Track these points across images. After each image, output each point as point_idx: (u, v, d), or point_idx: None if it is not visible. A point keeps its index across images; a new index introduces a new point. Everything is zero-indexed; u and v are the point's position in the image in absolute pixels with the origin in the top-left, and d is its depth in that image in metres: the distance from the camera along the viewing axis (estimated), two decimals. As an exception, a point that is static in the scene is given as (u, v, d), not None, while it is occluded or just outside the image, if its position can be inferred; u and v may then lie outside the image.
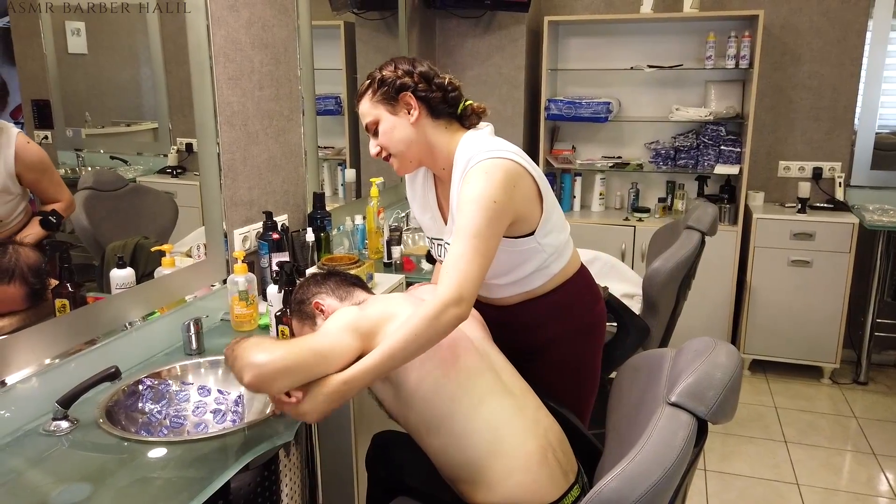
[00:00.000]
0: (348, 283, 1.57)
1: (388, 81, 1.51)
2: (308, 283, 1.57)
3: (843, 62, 3.53)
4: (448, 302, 1.31)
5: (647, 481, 0.99)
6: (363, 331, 1.33)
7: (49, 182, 1.59)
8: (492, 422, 1.30)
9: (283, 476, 1.59)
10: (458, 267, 1.35)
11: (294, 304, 1.55)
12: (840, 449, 2.95)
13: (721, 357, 1.13)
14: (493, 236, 1.40)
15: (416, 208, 1.74)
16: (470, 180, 1.41)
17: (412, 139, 1.52)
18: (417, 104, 1.50)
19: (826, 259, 3.38)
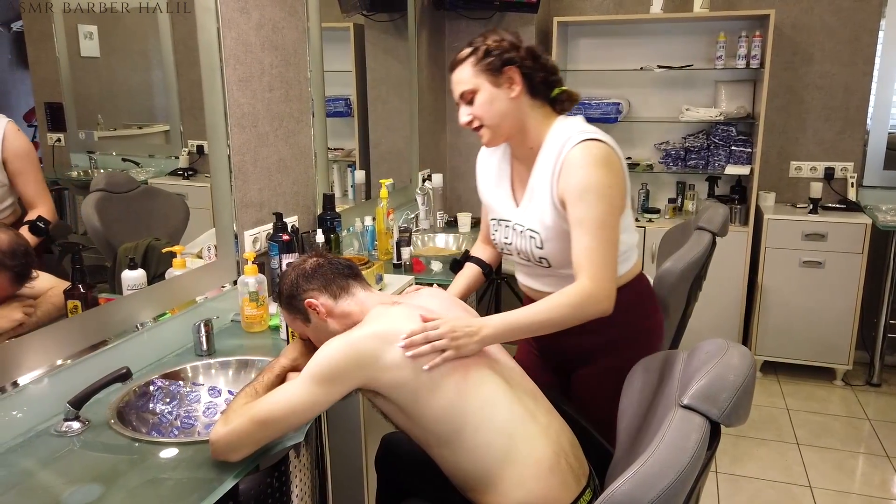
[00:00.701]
0: (342, 275, 1.44)
1: (495, 52, 1.48)
2: (296, 275, 1.43)
3: (856, 61, 3.50)
4: (594, 298, 1.40)
5: (659, 484, 0.99)
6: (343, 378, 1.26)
7: (32, 179, 1.55)
8: (503, 431, 1.29)
9: (294, 477, 1.59)
10: (594, 260, 1.41)
11: (283, 296, 1.45)
12: (853, 451, 2.93)
13: (734, 359, 1.12)
14: (615, 223, 1.45)
15: (486, 186, 1.70)
16: (575, 169, 1.43)
17: (509, 113, 1.51)
18: (520, 79, 1.49)
19: (838, 260, 3.36)
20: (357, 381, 1.27)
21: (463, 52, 1.52)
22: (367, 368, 1.26)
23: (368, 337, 1.28)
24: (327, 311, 1.40)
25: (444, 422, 1.28)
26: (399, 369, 1.26)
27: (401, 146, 3.34)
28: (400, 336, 1.28)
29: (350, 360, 1.26)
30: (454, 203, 3.85)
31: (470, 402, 1.28)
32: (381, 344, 1.27)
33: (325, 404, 1.26)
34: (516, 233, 1.58)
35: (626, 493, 1.00)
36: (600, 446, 1.51)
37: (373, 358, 1.26)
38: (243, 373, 1.72)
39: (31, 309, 1.48)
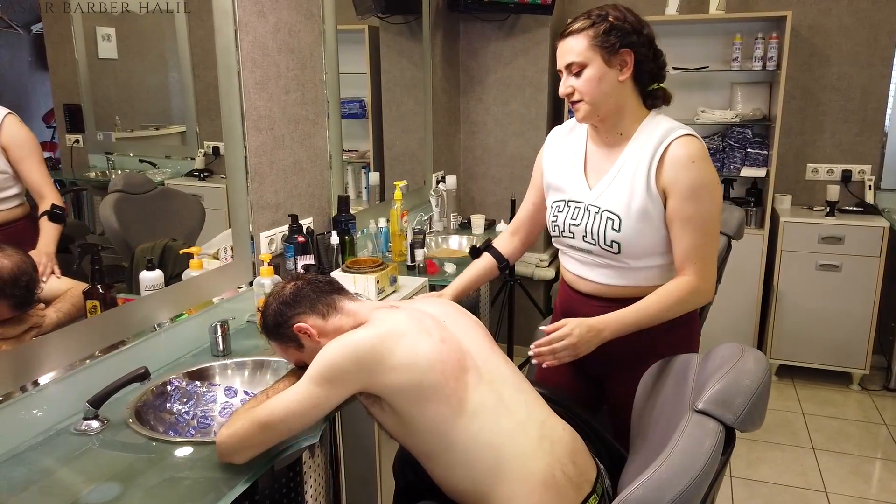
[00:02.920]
0: (324, 292, 1.41)
1: (617, 32, 1.46)
2: (278, 304, 1.39)
3: (873, 63, 3.47)
4: (704, 292, 1.49)
5: (673, 490, 0.98)
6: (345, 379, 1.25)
7: (35, 167, 1.56)
8: (493, 446, 1.27)
9: (308, 477, 1.60)
10: (702, 256, 1.47)
11: (270, 327, 1.40)
12: (870, 457, 2.90)
13: (749, 363, 1.12)
14: (720, 218, 1.53)
15: (557, 167, 1.66)
16: (691, 164, 1.46)
17: (612, 94, 1.49)
18: (633, 64, 1.48)
19: (855, 263, 3.32)
20: (359, 382, 1.26)
21: (580, 21, 1.49)
22: (369, 369, 1.25)
23: (371, 337, 1.27)
24: (319, 331, 1.36)
25: (434, 435, 1.28)
26: (401, 372, 1.25)
27: (415, 148, 3.35)
28: (404, 336, 1.27)
29: (352, 361, 1.24)
30: (468, 205, 3.85)
31: (458, 420, 1.27)
32: (385, 344, 1.26)
33: (327, 407, 1.25)
34: (590, 214, 1.55)
35: (639, 499, 1.00)
36: (615, 450, 1.51)
37: (375, 358, 1.25)
38: (259, 373, 1.73)
39: (42, 318, 1.49)
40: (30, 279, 1.46)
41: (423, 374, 1.26)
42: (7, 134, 1.50)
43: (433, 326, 1.34)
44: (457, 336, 1.37)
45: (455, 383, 1.28)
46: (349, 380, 1.25)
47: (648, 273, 1.55)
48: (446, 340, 1.32)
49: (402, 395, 1.27)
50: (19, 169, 1.53)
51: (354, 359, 1.25)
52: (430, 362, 1.27)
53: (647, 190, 1.48)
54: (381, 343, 1.26)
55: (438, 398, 1.26)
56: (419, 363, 1.26)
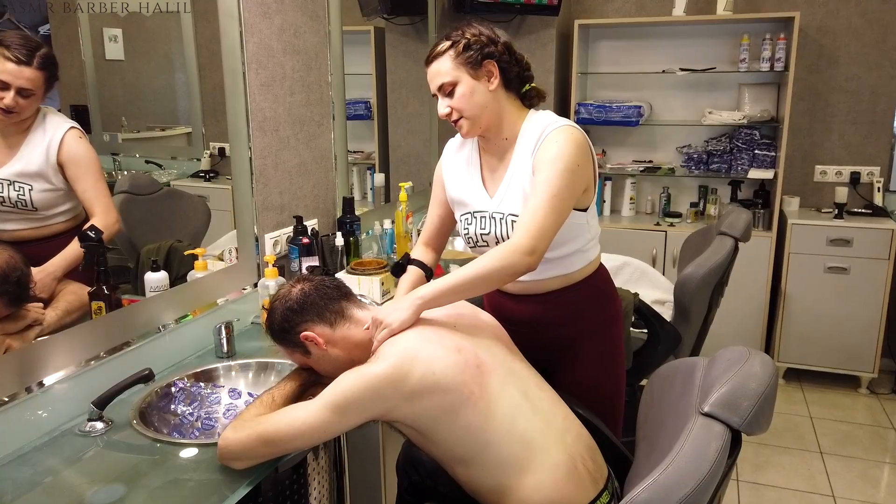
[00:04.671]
0: (332, 299, 1.39)
1: (475, 46, 1.52)
2: (284, 309, 1.38)
3: (882, 64, 3.45)
4: (522, 249, 1.40)
5: (679, 493, 0.98)
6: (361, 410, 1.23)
7: (90, 186, 1.57)
8: (524, 441, 1.27)
9: (312, 479, 1.60)
10: (536, 219, 1.42)
11: (276, 332, 1.39)
12: (878, 461, 2.88)
13: (755, 367, 1.11)
14: (570, 198, 1.48)
15: (456, 182, 1.69)
16: (551, 143, 1.49)
17: (487, 105, 1.54)
18: (498, 73, 1.53)
19: (864, 266, 3.30)
20: (375, 413, 1.25)
21: (441, 44, 1.55)
22: (385, 401, 1.23)
23: (388, 371, 1.23)
24: (326, 340, 1.36)
25: (465, 443, 1.27)
26: (421, 398, 1.23)
27: (420, 149, 3.34)
28: (417, 358, 1.25)
29: (368, 394, 1.22)
30: (473, 206, 3.84)
31: (490, 422, 1.26)
32: (400, 373, 1.23)
33: (336, 432, 1.25)
34: (495, 221, 1.59)
35: (645, 501, 0.99)
36: (619, 452, 1.50)
37: (392, 392, 1.23)
38: (263, 375, 1.73)
39: (41, 316, 1.49)
40: (21, 274, 1.45)
41: (445, 394, 1.24)
42: (66, 151, 1.52)
43: (446, 335, 1.33)
44: (471, 341, 1.35)
45: (480, 391, 1.27)
46: (365, 410, 1.23)
47: (566, 261, 1.61)
48: (462, 350, 1.31)
49: (424, 417, 1.25)
50: (74, 186, 1.55)
51: (372, 392, 1.22)
52: (449, 379, 1.25)
53: (531, 184, 1.52)
54: (396, 372, 1.23)
55: (465, 409, 1.25)
56: (439, 383, 1.24)
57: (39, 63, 1.44)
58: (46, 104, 1.53)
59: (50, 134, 1.50)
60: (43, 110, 1.51)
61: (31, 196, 1.49)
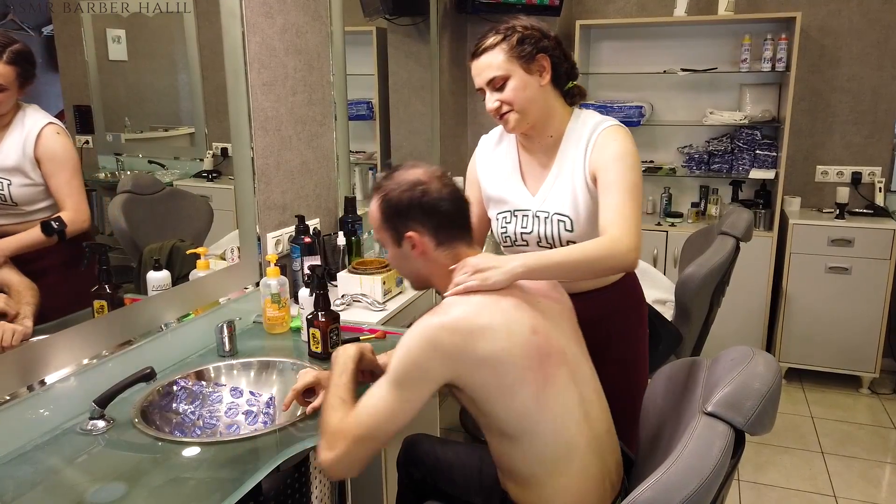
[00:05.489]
0: (455, 225, 1.33)
1: (530, 40, 1.50)
2: (413, 199, 1.28)
3: (884, 65, 3.44)
4: (627, 245, 1.39)
5: (682, 492, 0.97)
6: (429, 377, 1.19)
7: (63, 182, 1.55)
8: (569, 444, 1.26)
9: (314, 477, 1.60)
10: (625, 216, 1.42)
11: (389, 206, 1.30)
12: (879, 461, 2.87)
13: (759, 366, 1.11)
14: (641, 194, 1.50)
15: (495, 180, 1.66)
16: (610, 141, 1.50)
17: (538, 100, 1.53)
18: (550, 68, 1.52)
19: (865, 266, 3.30)
20: (444, 377, 1.20)
21: (492, 37, 1.52)
22: (452, 364, 1.19)
23: (450, 332, 1.18)
24: (423, 251, 1.30)
25: (513, 424, 1.24)
26: (482, 368, 1.19)
27: (422, 149, 3.35)
28: (489, 328, 1.20)
29: (434, 358, 1.18)
30: (475, 206, 3.84)
31: (542, 414, 1.23)
32: (465, 340, 1.18)
33: (419, 403, 1.20)
34: (539, 220, 1.58)
35: (647, 501, 0.99)
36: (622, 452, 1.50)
37: (456, 354, 1.18)
38: (264, 374, 1.73)
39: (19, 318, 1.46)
40: None
41: (507, 373, 1.20)
42: (42, 146, 1.51)
43: (526, 312, 1.27)
44: (549, 325, 1.29)
45: (543, 380, 1.23)
46: (434, 377, 1.19)
47: None
48: (537, 332, 1.25)
49: (480, 390, 1.21)
50: (48, 182, 1.53)
51: (438, 355, 1.18)
52: (515, 359, 1.20)
53: (585, 184, 1.53)
54: (463, 337, 1.18)
55: (522, 394, 1.21)
56: (502, 361, 1.20)
57: (10, 58, 1.43)
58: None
59: (28, 129, 1.49)
60: (24, 107, 1.50)
61: (9, 191, 1.48)
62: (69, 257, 1.61)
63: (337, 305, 2.06)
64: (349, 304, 2.11)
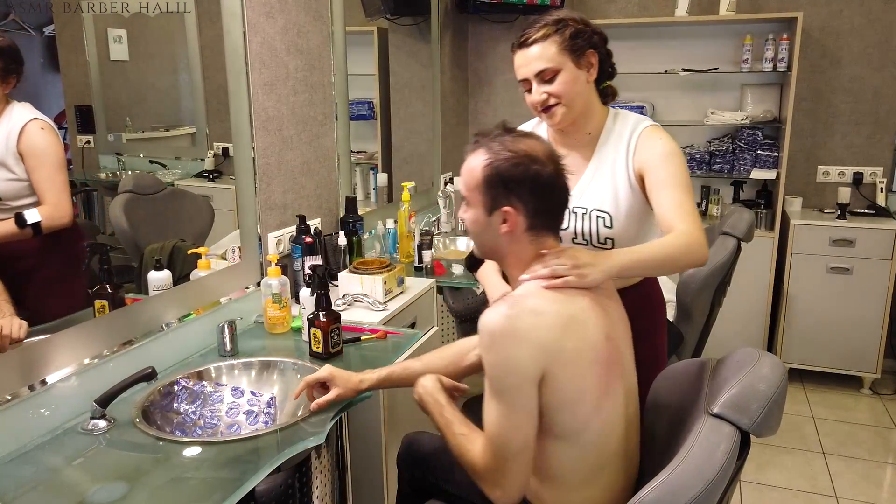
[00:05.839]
0: (553, 215, 1.26)
1: (583, 34, 1.50)
2: (526, 173, 1.19)
3: (886, 65, 3.44)
4: (701, 242, 1.39)
5: (687, 494, 0.97)
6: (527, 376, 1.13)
7: (44, 177, 1.53)
8: (605, 458, 1.24)
9: (314, 478, 1.60)
10: (687, 211, 1.43)
11: (499, 169, 1.20)
12: (881, 461, 2.87)
13: (765, 369, 1.10)
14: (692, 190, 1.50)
15: None
16: (655, 140, 1.52)
17: (584, 96, 1.53)
18: (597, 64, 1.53)
19: (867, 266, 3.30)
20: (540, 368, 1.13)
21: (543, 29, 1.49)
22: (542, 355, 1.13)
23: (533, 323, 1.14)
24: (512, 229, 1.23)
25: (566, 425, 1.19)
26: (567, 365, 1.15)
27: (423, 149, 3.34)
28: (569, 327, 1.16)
29: (522, 350, 1.12)
30: (476, 206, 3.84)
31: (595, 423, 1.20)
32: (551, 331, 1.14)
33: (531, 401, 1.14)
34: (577, 216, 1.58)
35: (652, 502, 0.98)
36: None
37: (544, 344, 1.13)
38: (265, 374, 1.73)
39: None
40: None
41: (584, 375, 1.17)
42: (25, 140, 1.50)
43: (602, 316, 1.22)
44: (618, 333, 1.26)
45: (605, 391, 1.20)
46: (527, 374, 1.14)
47: None
48: (610, 338, 1.22)
49: (562, 392, 1.17)
50: (31, 177, 1.52)
51: (526, 347, 1.13)
52: (591, 364, 1.17)
53: (628, 181, 1.53)
54: (553, 330, 1.14)
55: (588, 399, 1.18)
56: (583, 362, 1.16)
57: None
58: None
59: (12, 124, 1.49)
60: (12, 103, 1.49)
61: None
62: (62, 257, 1.60)
63: (338, 305, 2.06)
64: (350, 303, 2.11)
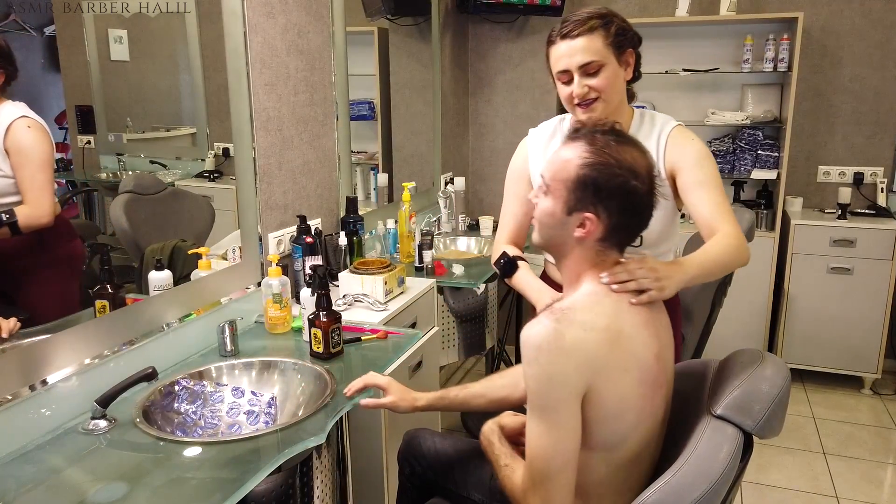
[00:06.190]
0: (629, 235, 1.20)
1: (628, 32, 1.51)
2: (620, 186, 1.12)
3: (886, 65, 3.44)
4: (744, 244, 1.43)
5: (691, 495, 0.97)
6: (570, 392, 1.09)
7: (27, 176, 1.52)
8: (633, 480, 1.21)
9: (315, 478, 1.60)
10: (727, 210, 1.46)
11: (589, 177, 1.13)
12: (881, 462, 2.87)
13: (768, 370, 1.10)
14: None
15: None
16: (686, 141, 1.55)
17: (621, 94, 1.55)
18: (633, 64, 1.55)
19: (867, 266, 3.29)
20: (585, 383, 1.09)
21: (588, 21, 1.48)
22: (587, 371, 1.09)
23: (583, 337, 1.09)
24: (585, 236, 1.16)
25: (602, 438, 1.15)
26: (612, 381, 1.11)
27: (423, 149, 3.34)
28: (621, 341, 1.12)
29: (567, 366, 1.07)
30: (476, 206, 3.84)
31: (631, 443, 1.16)
32: (599, 345, 1.09)
33: (574, 420, 1.10)
34: None
35: (656, 503, 0.98)
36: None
37: (592, 359, 1.09)
38: (266, 374, 1.73)
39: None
40: None
41: (627, 395, 1.13)
42: (11, 138, 1.49)
43: (653, 335, 1.18)
44: (666, 354, 1.21)
45: (648, 413, 1.16)
46: (572, 390, 1.08)
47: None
48: (659, 359, 1.17)
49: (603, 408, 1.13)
50: (15, 175, 1.51)
51: (572, 363, 1.08)
52: (637, 384, 1.13)
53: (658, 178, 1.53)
54: (602, 345, 1.10)
55: (628, 418, 1.14)
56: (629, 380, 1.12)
57: None
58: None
59: (0, 121, 1.49)
60: (5, 102, 1.48)
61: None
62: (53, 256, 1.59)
63: (338, 305, 2.06)
64: (351, 304, 2.11)
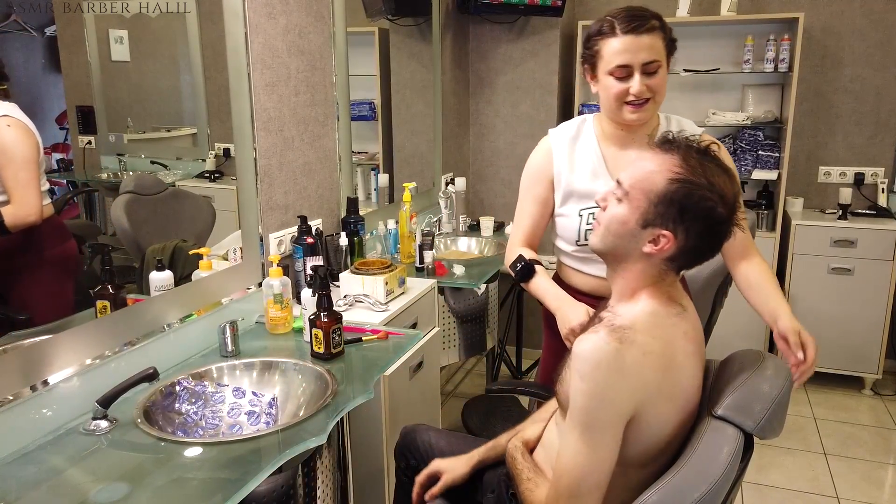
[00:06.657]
0: (697, 261, 1.15)
1: (674, 40, 1.53)
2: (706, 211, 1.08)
3: (887, 65, 3.44)
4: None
5: (691, 496, 0.97)
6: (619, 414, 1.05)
7: (11, 174, 1.50)
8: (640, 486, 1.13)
9: (316, 479, 1.60)
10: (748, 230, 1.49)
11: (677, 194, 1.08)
12: (882, 462, 2.87)
13: (769, 370, 1.10)
14: None
15: (579, 177, 1.62)
16: (721, 153, 1.51)
17: (664, 96, 1.56)
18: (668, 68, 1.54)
19: (868, 267, 3.29)
20: (634, 407, 1.06)
21: (651, 21, 1.47)
22: (639, 394, 1.05)
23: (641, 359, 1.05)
24: (654, 252, 1.11)
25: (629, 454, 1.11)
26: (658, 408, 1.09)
27: (424, 150, 3.34)
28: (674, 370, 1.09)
29: (622, 387, 1.04)
30: (477, 207, 3.84)
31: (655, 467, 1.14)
32: (654, 370, 1.06)
33: (615, 444, 1.06)
34: None
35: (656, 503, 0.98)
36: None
37: (646, 382, 1.06)
38: (267, 374, 1.73)
39: None
40: None
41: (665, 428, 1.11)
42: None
43: (698, 369, 1.16)
44: (700, 374, 1.18)
45: (679, 442, 1.13)
46: (621, 411, 1.05)
47: None
48: (700, 390, 1.16)
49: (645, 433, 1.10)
50: (0, 174, 1.50)
51: (627, 384, 1.04)
52: (677, 413, 1.11)
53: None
54: (656, 370, 1.07)
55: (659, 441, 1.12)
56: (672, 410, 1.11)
57: None
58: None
59: None
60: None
61: None
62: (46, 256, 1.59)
63: (339, 306, 2.06)
64: (351, 304, 2.11)
